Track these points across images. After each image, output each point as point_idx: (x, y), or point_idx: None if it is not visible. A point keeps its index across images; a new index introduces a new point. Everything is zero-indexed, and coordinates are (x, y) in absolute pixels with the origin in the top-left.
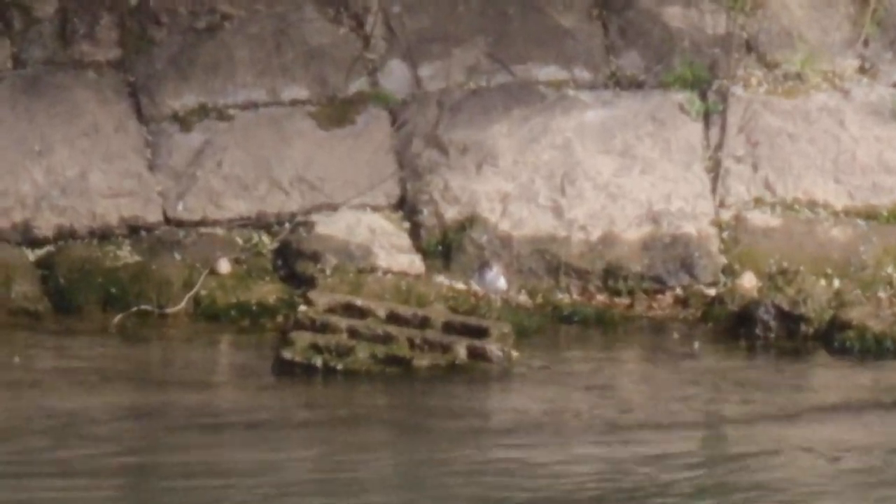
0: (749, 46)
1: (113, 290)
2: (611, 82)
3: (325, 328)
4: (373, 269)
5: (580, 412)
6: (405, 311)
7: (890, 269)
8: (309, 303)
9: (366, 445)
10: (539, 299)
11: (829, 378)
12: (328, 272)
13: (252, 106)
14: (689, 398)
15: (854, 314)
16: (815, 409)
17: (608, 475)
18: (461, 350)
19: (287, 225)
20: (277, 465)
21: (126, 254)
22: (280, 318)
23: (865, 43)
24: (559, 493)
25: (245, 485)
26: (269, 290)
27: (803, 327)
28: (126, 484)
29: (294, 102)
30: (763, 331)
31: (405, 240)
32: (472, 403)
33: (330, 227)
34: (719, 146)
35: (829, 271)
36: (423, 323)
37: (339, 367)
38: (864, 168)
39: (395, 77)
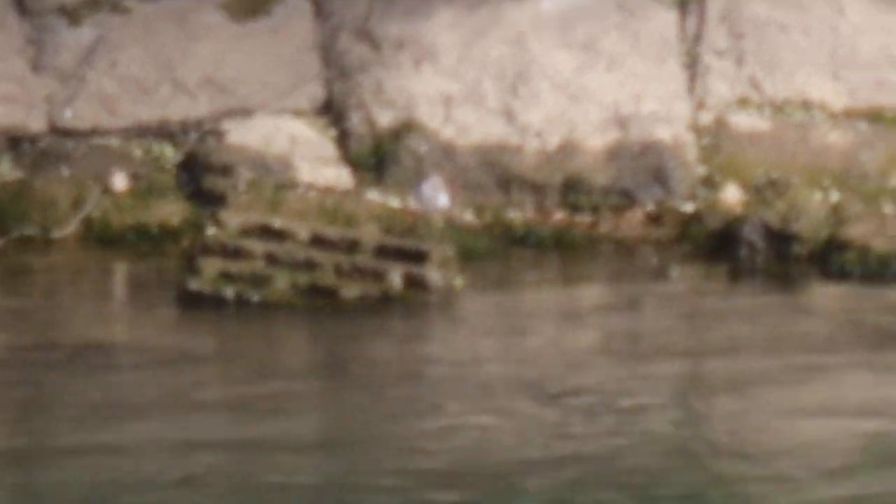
0: None
1: None
2: None
3: (237, 253)
4: (293, 185)
5: (528, 354)
6: (331, 232)
7: None
8: (219, 224)
9: (283, 392)
10: (488, 218)
11: (825, 306)
12: (241, 188)
13: None
14: (661, 332)
15: (855, 232)
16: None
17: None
18: (396, 277)
19: (193, 134)
20: (179, 415)
21: (5, 169)
22: (185, 243)
23: None
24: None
25: (141, 440)
26: (172, 210)
27: (796, 248)
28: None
29: None
30: (749, 252)
31: (331, 150)
32: (408, 342)
33: (243, 135)
34: (697, 38)
35: (826, 182)
36: (352, 247)
37: (255, 298)
38: (867, 62)
39: None
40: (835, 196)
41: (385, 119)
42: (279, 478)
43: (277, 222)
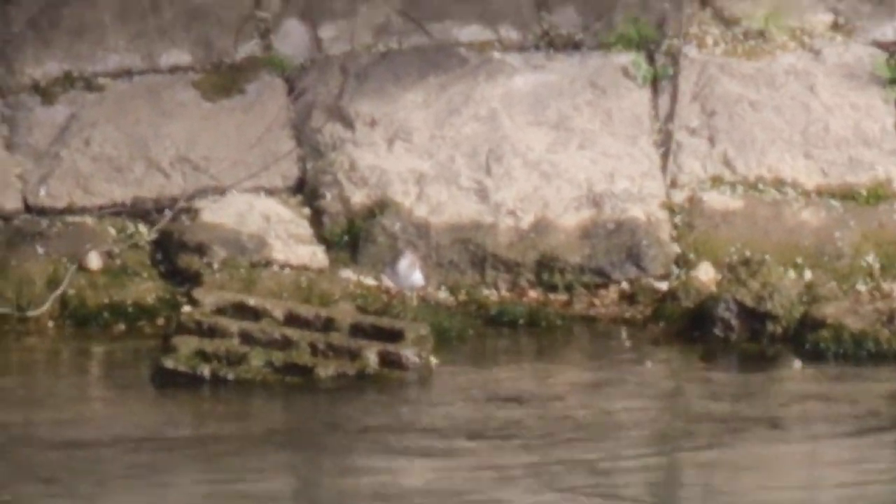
0: None
1: None
2: (543, 43)
3: (213, 332)
4: (268, 263)
5: (507, 431)
6: (306, 311)
7: (870, 258)
8: (194, 303)
9: (260, 469)
10: (462, 296)
11: (798, 388)
12: (216, 267)
13: (125, 74)
14: (634, 410)
15: (829, 311)
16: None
17: None
18: (371, 356)
19: (167, 212)
20: (158, 494)
21: None
22: (161, 321)
23: None
24: None
25: None
26: (147, 289)
27: (770, 326)
28: None
29: (174, 69)
30: (723, 331)
31: (305, 228)
32: (383, 419)
33: (217, 213)
34: (670, 116)
35: (800, 261)
36: (328, 325)
37: (230, 376)
38: (839, 141)
39: (292, 39)
40: (808, 274)
41: (358, 197)
42: None
43: (252, 301)
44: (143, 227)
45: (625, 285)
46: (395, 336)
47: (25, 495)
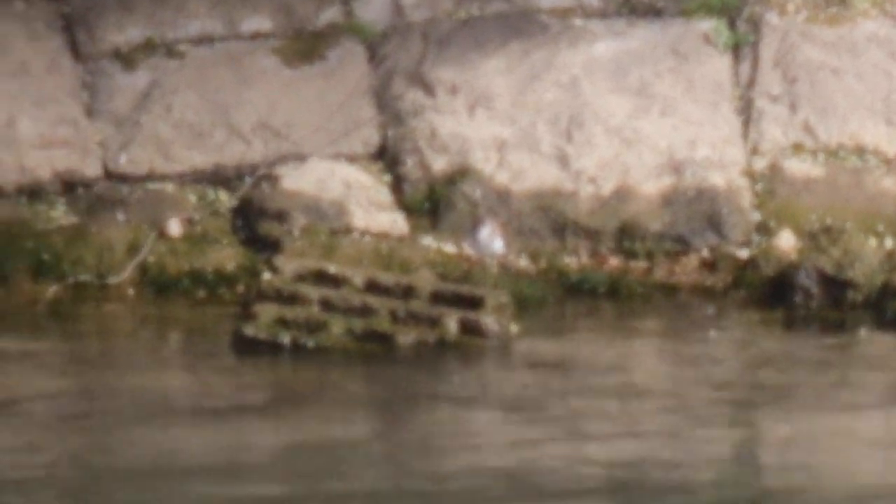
0: None
1: (45, 256)
2: (624, 10)
3: (293, 299)
4: (348, 230)
5: (588, 402)
6: (386, 278)
7: None
8: (274, 270)
9: (341, 436)
10: (542, 264)
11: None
12: (296, 234)
13: (207, 40)
14: (719, 384)
15: None
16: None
17: (619, 476)
18: (452, 324)
19: (248, 179)
20: (238, 461)
21: (60, 214)
22: (241, 288)
23: None
24: (565, 492)
25: (201, 485)
26: (227, 256)
27: (851, 294)
28: (65, 485)
29: (255, 36)
30: (804, 299)
31: (386, 195)
32: (464, 387)
33: (298, 180)
34: (751, 83)
35: (881, 228)
36: (408, 292)
37: (310, 344)
38: None
39: (373, 5)
40: (889, 242)
41: (439, 164)
42: None
43: (332, 268)
44: (223, 194)
45: (705, 253)
46: (475, 303)
47: (106, 461)
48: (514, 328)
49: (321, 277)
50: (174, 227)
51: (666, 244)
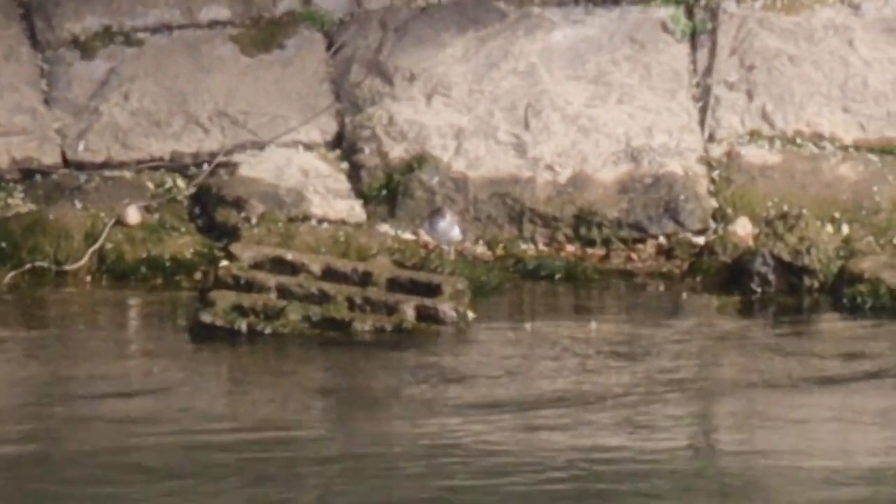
0: None
1: (3, 244)
2: None
3: (250, 286)
4: (306, 218)
5: (542, 385)
6: (343, 265)
7: None
8: (231, 257)
9: (297, 422)
10: (500, 251)
11: (835, 340)
12: (254, 221)
13: (164, 29)
14: (669, 368)
15: (866, 265)
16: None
17: (576, 461)
18: (409, 311)
19: (206, 166)
20: (194, 447)
21: (18, 201)
22: (198, 276)
23: None
24: (523, 478)
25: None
26: (185, 243)
27: (807, 280)
28: (19, 474)
29: (213, 24)
30: (760, 285)
31: (343, 183)
32: (420, 374)
33: (256, 168)
34: (708, 71)
35: (837, 215)
36: (365, 279)
37: (267, 331)
38: (877, 95)
39: None
40: (846, 229)
41: (397, 152)
42: None
43: (290, 255)
44: (181, 182)
45: (662, 240)
46: (432, 290)
47: (62, 449)
48: (471, 315)
49: (278, 264)
50: (132, 215)
51: (623, 231)
